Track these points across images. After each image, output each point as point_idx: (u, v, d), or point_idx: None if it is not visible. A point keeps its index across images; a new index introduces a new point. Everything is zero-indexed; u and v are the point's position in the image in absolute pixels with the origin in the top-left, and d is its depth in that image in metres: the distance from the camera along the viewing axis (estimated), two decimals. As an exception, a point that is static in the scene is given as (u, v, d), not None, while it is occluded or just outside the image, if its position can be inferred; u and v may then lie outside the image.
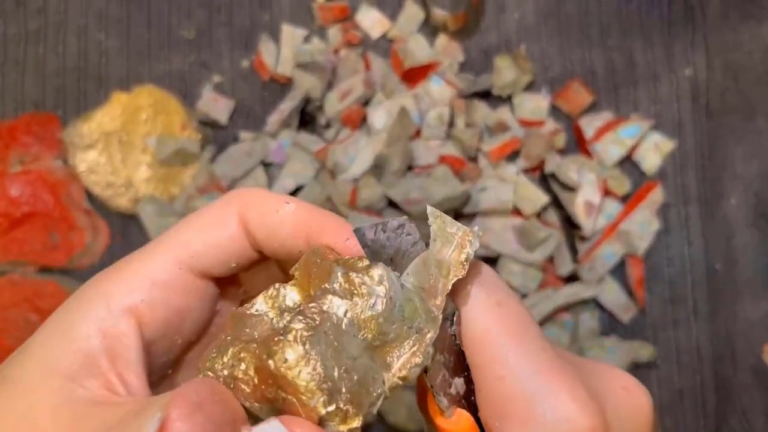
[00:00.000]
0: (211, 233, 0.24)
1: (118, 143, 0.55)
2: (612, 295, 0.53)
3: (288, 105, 0.55)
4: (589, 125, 0.54)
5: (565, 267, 0.52)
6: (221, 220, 0.25)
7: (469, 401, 0.25)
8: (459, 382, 0.24)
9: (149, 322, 0.24)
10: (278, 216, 0.24)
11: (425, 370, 0.24)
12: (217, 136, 0.56)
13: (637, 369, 0.53)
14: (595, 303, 0.53)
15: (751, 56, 0.55)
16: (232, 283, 0.27)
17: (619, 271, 0.53)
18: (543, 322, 0.52)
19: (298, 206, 0.25)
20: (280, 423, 0.20)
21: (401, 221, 0.24)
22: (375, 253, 0.24)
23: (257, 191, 0.25)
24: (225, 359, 0.22)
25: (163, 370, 0.26)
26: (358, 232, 0.24)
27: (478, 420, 0.24)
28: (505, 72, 0.54)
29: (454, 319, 0.24)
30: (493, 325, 0.23)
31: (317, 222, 0.24)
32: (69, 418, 0.22)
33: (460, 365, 0.24)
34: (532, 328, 0.23)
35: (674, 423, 0.52)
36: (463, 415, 0.24)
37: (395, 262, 0.24)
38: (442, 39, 0.56)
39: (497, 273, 0.26)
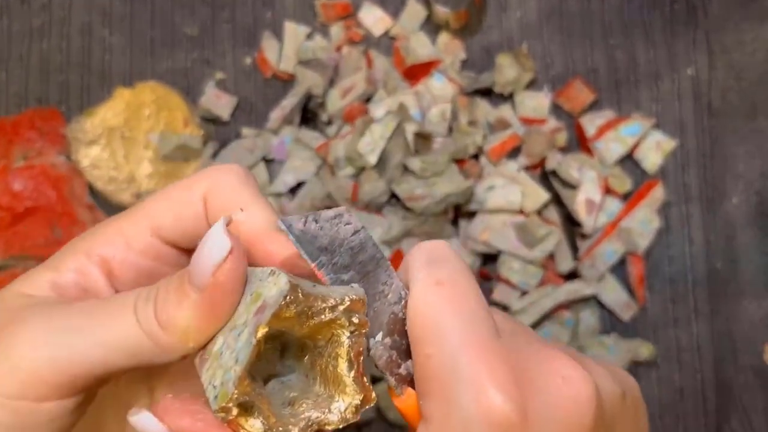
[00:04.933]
0: (180, 210, 0.26)
1: (121, 139, 0.55)
2: (612, 293, 0.52)
3: (290, 102, 0.55)
4: (591, 123, 0.54)
5: (566, 264, 0.52)
6: (189, 199, 0.26)
7: None
8: (410, 364, 0.25)
9: (119, 275, 0.26)
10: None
11: (368, 351, 0.24)
12: (219, 133, 0.57)
13: (637, 368, 0.52)
14: (595, 301, 0.53)
15: (754, 56, 0.55)
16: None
17: (619, 269, 0.53)
18: (543, 319, 0.52)
19: (248, 218, 0.25)
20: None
21: (338, 211, 0.25)
22: (305, 243, 0.24)
23: (226, 177, 0.26)
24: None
25: None
26: (285, 222, 0.24)
27: None
28: (506, 70, 0.54)
29: (404, 302, 0.25)
30: (429, 305, 0.23)
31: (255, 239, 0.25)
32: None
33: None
34: (470, 307, 0.23)
35: (675, 422, 0.52)
36: (411, 394, 0.24)
37: (330, 251, 0.24)
38: (444, 37, 0.56)
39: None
